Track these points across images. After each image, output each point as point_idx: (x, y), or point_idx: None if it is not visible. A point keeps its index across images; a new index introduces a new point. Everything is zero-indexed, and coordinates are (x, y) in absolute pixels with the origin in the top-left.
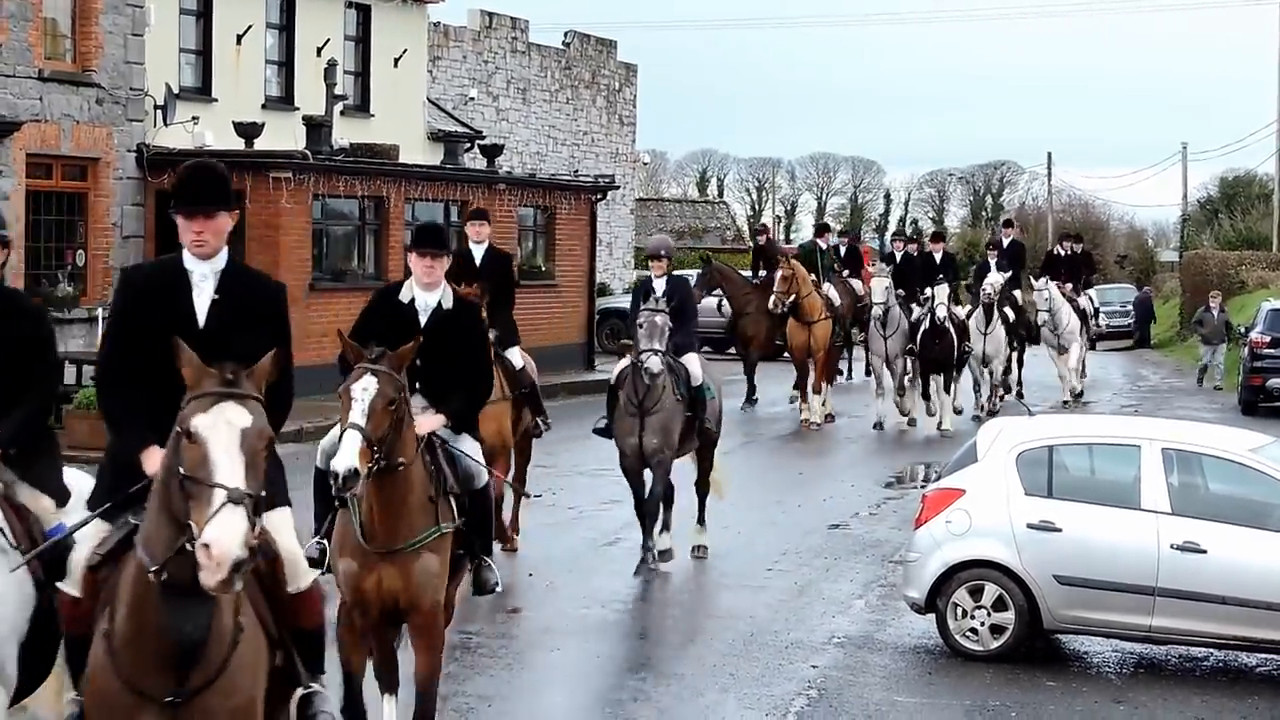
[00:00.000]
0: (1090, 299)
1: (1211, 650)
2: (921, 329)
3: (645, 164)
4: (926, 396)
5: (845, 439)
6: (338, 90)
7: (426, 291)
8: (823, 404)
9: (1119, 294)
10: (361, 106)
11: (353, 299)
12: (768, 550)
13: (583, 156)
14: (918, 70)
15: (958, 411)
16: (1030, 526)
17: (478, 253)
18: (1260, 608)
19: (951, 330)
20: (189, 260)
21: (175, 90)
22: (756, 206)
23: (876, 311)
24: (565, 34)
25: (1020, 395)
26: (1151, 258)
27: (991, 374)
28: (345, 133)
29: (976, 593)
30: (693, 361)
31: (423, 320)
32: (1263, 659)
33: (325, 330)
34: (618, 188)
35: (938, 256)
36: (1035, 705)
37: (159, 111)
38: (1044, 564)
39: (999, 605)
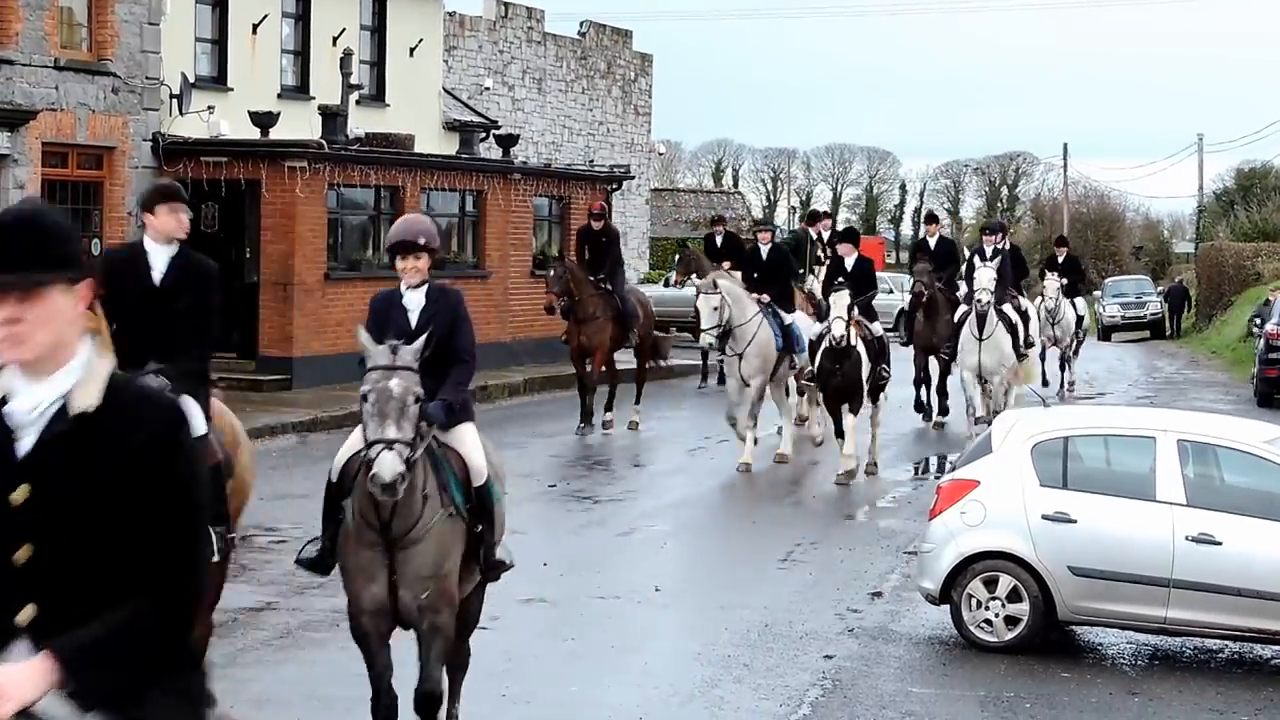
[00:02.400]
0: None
1: (1226, 642)
2: (821, 348)
3: (660, 154)
4: (840, 434)
5: (863, 431)
6: (353, 80)
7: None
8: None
9: (1134, 285)
10: (377, 96)
11: (368, 289)
12: (782, 540)
13: (598, 146)
14: (934, 61)
15: (941, 426)
16: (1045, 518)
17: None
18: (1275, 600)
19: (860, 349)
20: None
21: (191, 79)
22: (771, 197)
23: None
24: (581, 24)
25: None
26: (1167, 249)
27: (990, 392)
28: (360, 122)
29: (991, 584)
30: (467, 440)
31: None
32: (1278, 651)
33: (340, 320)
34: (633, 178)
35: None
36: (1049, 696)
37: (175, 101)
38: (1059, 555)
39: (1014, 596)
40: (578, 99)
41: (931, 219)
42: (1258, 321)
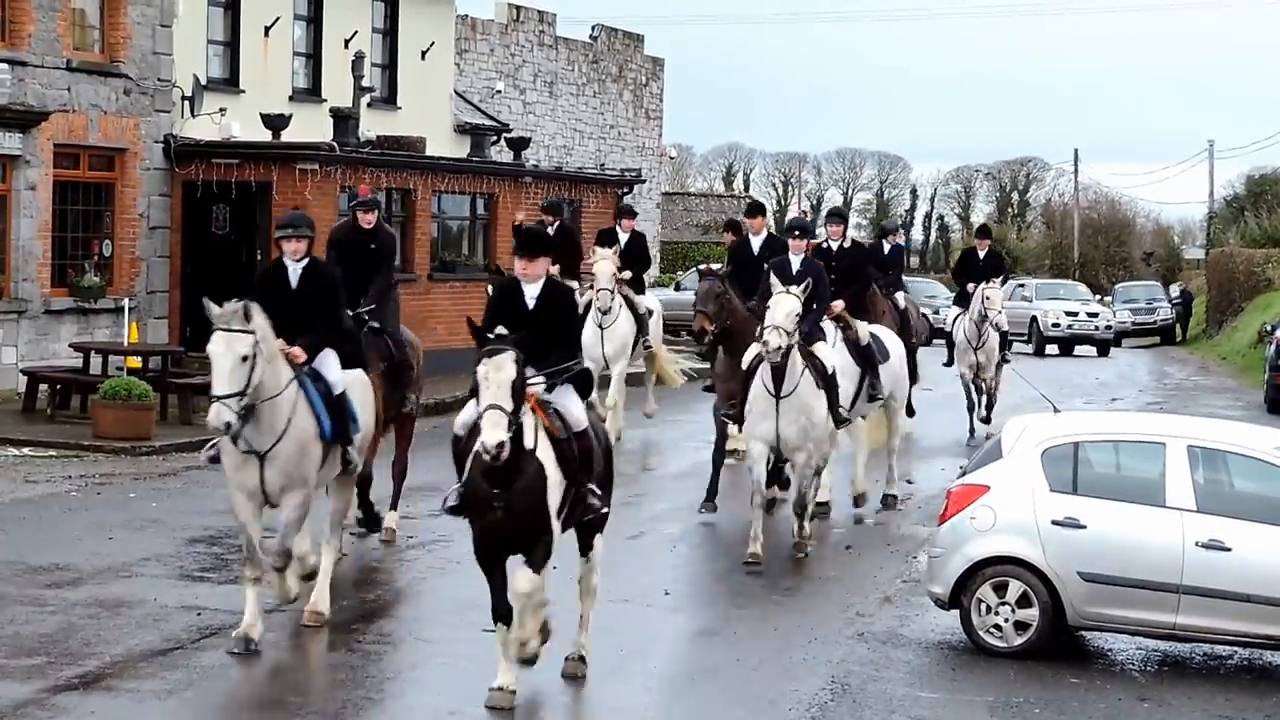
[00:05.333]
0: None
1: (1236, 648)
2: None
3: (672, 158)
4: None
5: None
6: (365, 82)
7: None
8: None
9: (1145, 291)
10: (388, 99)
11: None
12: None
13: (609, 150)
14: (945, 66)
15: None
16: (1055, 523)
17: None
18: None
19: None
20: None
21: (203, 81)
22: (782, 201)
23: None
24: (592, 27)
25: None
26: (1177, 255)
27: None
28: (372, 125)
29: (1001, 589)
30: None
31: None
32: None
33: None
34: (644, 181)
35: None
36: (1059, 702)
37: (186, 102)
38: (1068, 560)
39: (1023, 601)
40: (589, 102)
41: (835, 218)
42: (1268, 327)
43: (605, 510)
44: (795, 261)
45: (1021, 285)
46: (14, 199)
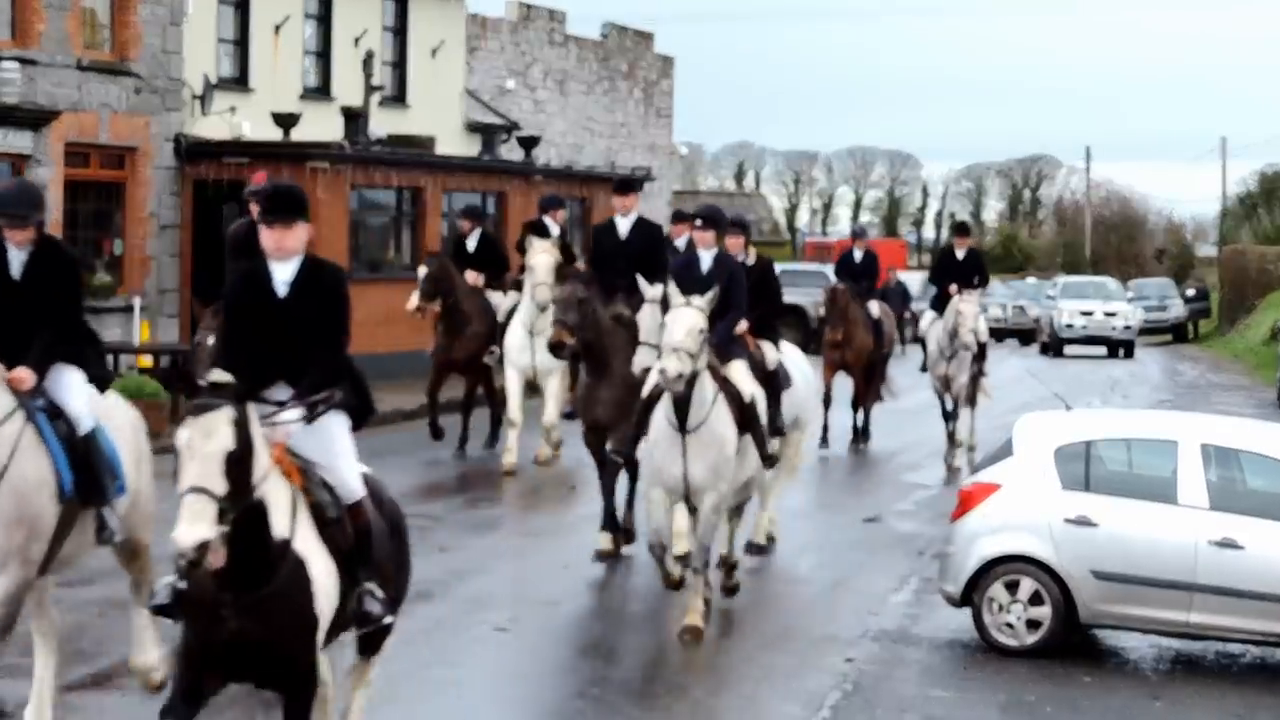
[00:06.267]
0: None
1: (1249, 647)
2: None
3: (682, 156)
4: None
5: (885, 434)
6: (375, 81)
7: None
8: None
9: (1157, 288)
10: (399, 97)
11: (389, 290)
12: (803, 544)
13: (620, 148)
14: (956, 63)
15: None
16: (1067, 521)
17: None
18: None
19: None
20: None
21: (213, 80)
22: (793, 199)
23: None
24: (603, 26)
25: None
26: (1190, 252)
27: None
28: (382, 123)
29: (1013, 587)
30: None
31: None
32: None
33: (362, 320)
34: (654, 180)
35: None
36: (1071, 700)
37: (197, 101)
38: (1081, 559)
39: (1035, 600)
40: (599, 101)
41: (737, 227)
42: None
43: (389, 621)
44: (706, 260)
45: (1052, 284)
46: None
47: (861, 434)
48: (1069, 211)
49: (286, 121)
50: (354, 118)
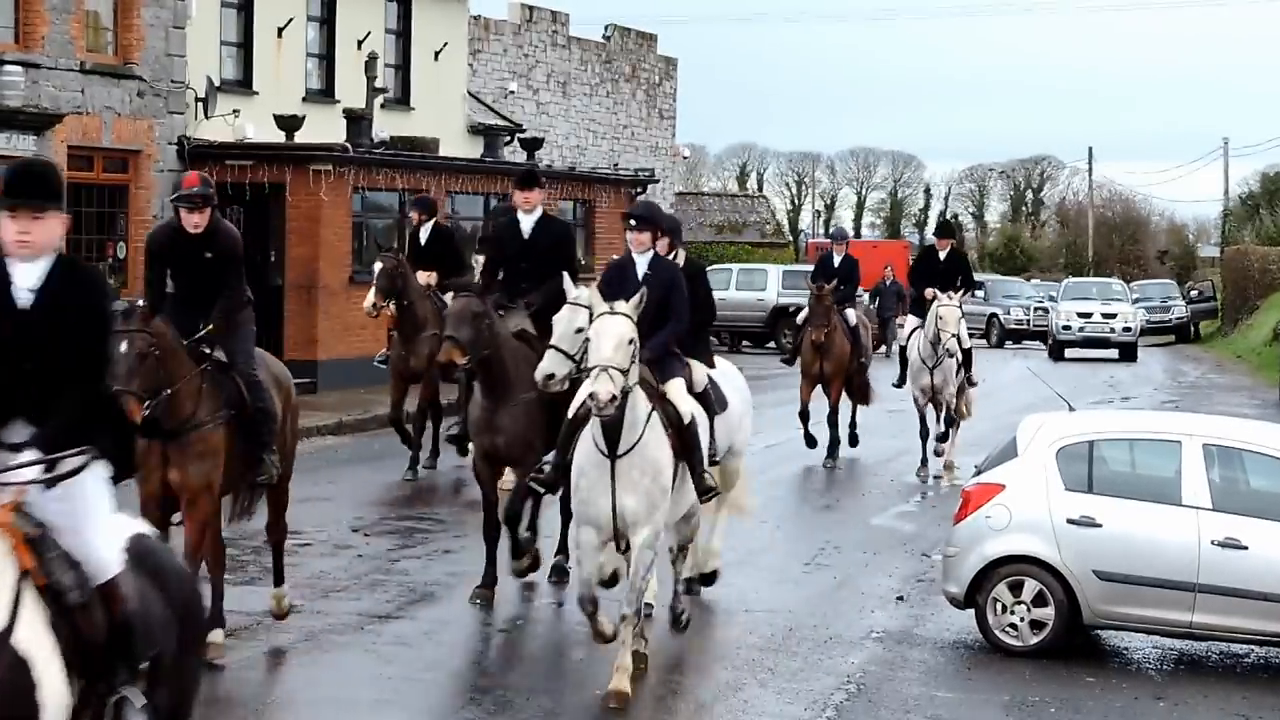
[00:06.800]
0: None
1: (1252, 647)
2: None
3: (685, 158)
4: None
5: (888, 435)
6: (378, 83)
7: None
8: None
9: (1160, 289)
10: (402, 99)
11: None
12: (806, 545)
13: (622, 150)
14: (959, 65)
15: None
16: (1070, 522)
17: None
18: None
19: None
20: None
21: (216, 83)
22: (796, 201)
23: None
24: (605, 27)
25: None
26: (1192, 253)
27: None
28: (385, 126)
29: (1016, 588)
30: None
31: None
32: None
33: (365, 323)
34: (657, 181)
35: (837, 258)
36: (1075, 701)
37: (200, 104)
38: (1084, 559)
39: (1039, 600)
40: (602, 102)
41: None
42: None
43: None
44: (641, 264)
45: (1048, 284)
46: None
47: (838, 444)
48: (1071, 212)
49: (289, 124)
50: (357, 120)
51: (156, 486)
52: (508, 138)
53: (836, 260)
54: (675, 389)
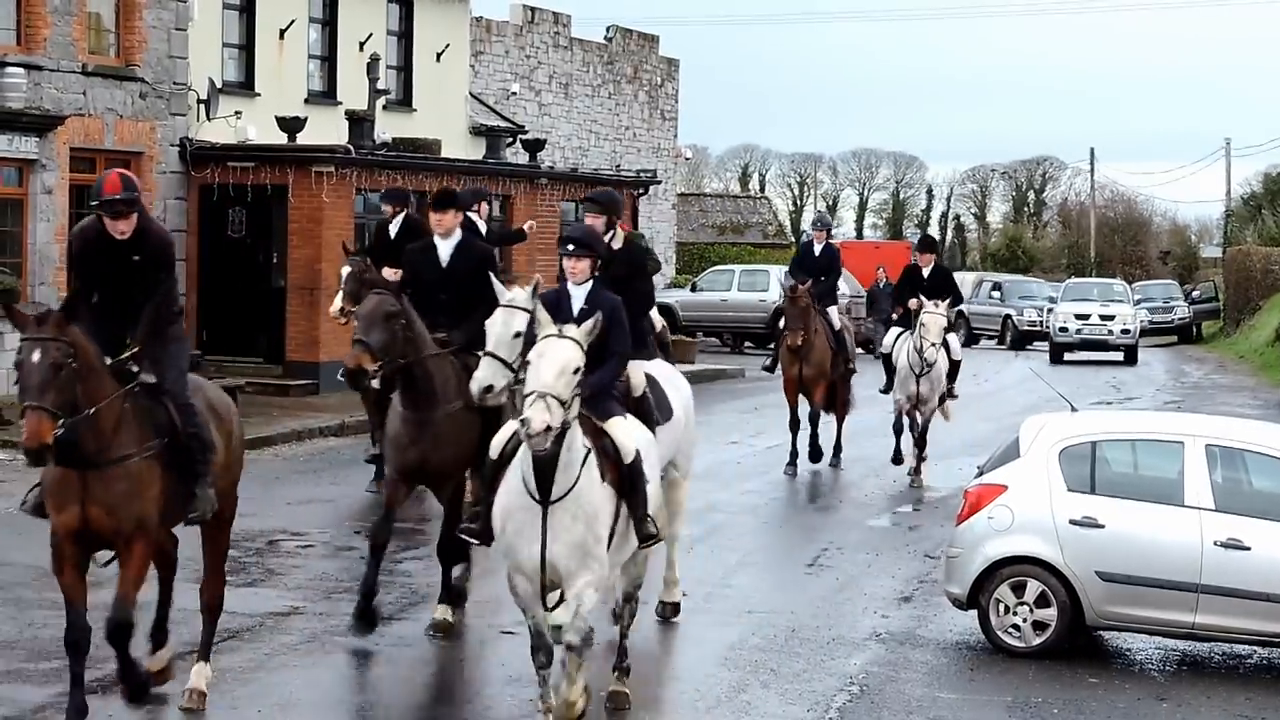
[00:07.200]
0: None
1: (1255, 648)
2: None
3: (687, 159)
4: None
5: (887, 435)
6: (380, 85)
7: None
8: None
9: (1162, 290)
10: (404, 101)
11: None
12: (808, 546)
13: (624, 151)
14: (961, 65)
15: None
16: (1073, 522)
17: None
18: None
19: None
20: None
21: (218, 85)
22: (798, 202)
23: None
24: (607, 29)
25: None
26: (1194, 254)
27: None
28: (387, 127)
29: (1019, 589)
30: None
31: None
32: None
33: None
34: (659, 182)
35: (817, 248)
36: (1078, 702)
37: (202, 106)
38: (1087, 560)
39: (1041, 601)
40: (604, 104)
41: (595, 204)
42: None
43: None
44: (578, 297)
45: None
46: (30, 203)
47: (824, 452)
48: (1073, 213)
49: (291, 125)
50: (359, 122)
51: (75, 520)
52: (510, 139)
53: (817, 250)
54: (619, 427)
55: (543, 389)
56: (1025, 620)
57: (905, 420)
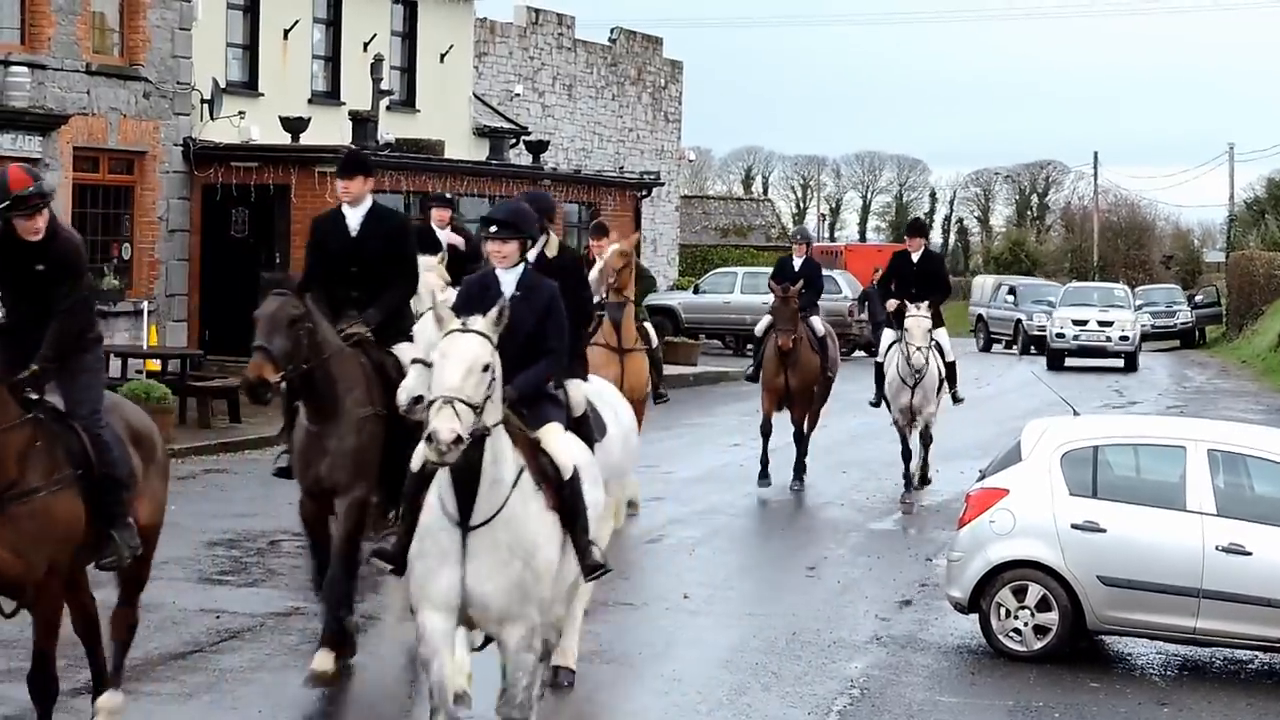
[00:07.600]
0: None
1: (1257, 653)
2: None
3: (690, 161)
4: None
5: (889, 440)
6: (384, 85)
7: None
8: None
9: (1165, 294)
10: (407, 102)
11: None
12: (811, 549)
13: (628, 153)
14: (965, 69)
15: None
16: (1074, 527)
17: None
18: None
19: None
20: None
21: (222, 84)
22: (801, 205)
23: None
24: (611, 30)
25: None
26: (1197, 258)
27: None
28: (391, 128)
29: (1020, 593)
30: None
31: None
32: None
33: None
34: (662, 184)
35: (798, 261)
36: (1079, 706)
37: (206, 106)
38: (1088, 564)
39: (1043, 605)
40: (608, 105)
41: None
42: None
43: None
44: (508, 281)
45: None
46: None
47: (797, 470)
48: (1077, 217)
49: (295, 126)
50: (362, 122)
51: None
52: (513, 140)
53: (797, 264)
54: (552, 435)
55: (448, 393)
56: (1026, 624)
57: (912, 440)
